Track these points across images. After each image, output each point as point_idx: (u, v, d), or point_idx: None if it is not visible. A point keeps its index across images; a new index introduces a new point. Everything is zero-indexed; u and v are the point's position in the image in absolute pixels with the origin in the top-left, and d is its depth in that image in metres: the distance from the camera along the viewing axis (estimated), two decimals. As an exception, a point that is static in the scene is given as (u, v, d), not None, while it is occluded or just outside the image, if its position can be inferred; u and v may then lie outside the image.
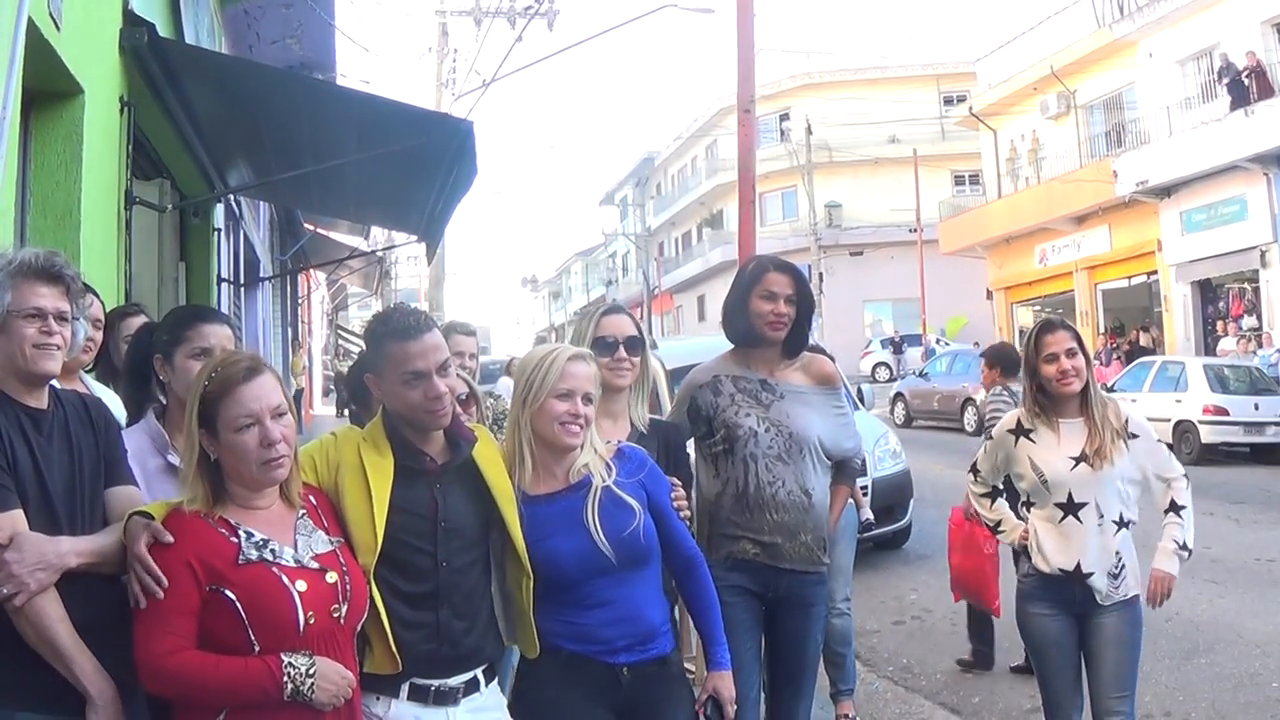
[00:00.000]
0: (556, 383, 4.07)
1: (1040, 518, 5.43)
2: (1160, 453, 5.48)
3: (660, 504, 4.20)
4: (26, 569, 3.05)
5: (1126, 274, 37.03)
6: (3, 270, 3.30)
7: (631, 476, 4.14)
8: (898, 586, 11.73)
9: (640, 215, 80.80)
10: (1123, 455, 5.27)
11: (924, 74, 57.44)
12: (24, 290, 3.30)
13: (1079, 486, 5.28)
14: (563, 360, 4.12)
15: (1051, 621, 5.39)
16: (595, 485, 4.03)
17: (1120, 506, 5.30)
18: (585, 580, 3.97)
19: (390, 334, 3.72)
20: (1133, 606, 5.32)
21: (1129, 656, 5.29)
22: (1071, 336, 5.34)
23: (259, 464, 3.33)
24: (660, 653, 4.10)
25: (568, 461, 4.11)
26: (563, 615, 4.00)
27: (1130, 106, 36.11)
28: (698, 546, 4.32)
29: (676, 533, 4.24)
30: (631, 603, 4.01)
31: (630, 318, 5.04)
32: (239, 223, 16.39)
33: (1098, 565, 5.25)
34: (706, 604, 4.23)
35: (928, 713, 7.88)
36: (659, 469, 4.35)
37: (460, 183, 11.07)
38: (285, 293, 26.98)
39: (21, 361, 3.26)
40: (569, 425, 4.03)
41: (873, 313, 57.16)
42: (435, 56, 29.03)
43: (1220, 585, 10.88)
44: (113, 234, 7.67)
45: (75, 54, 6.40)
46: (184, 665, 3.12)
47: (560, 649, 4.00)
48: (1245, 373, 23.62)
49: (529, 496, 4.05)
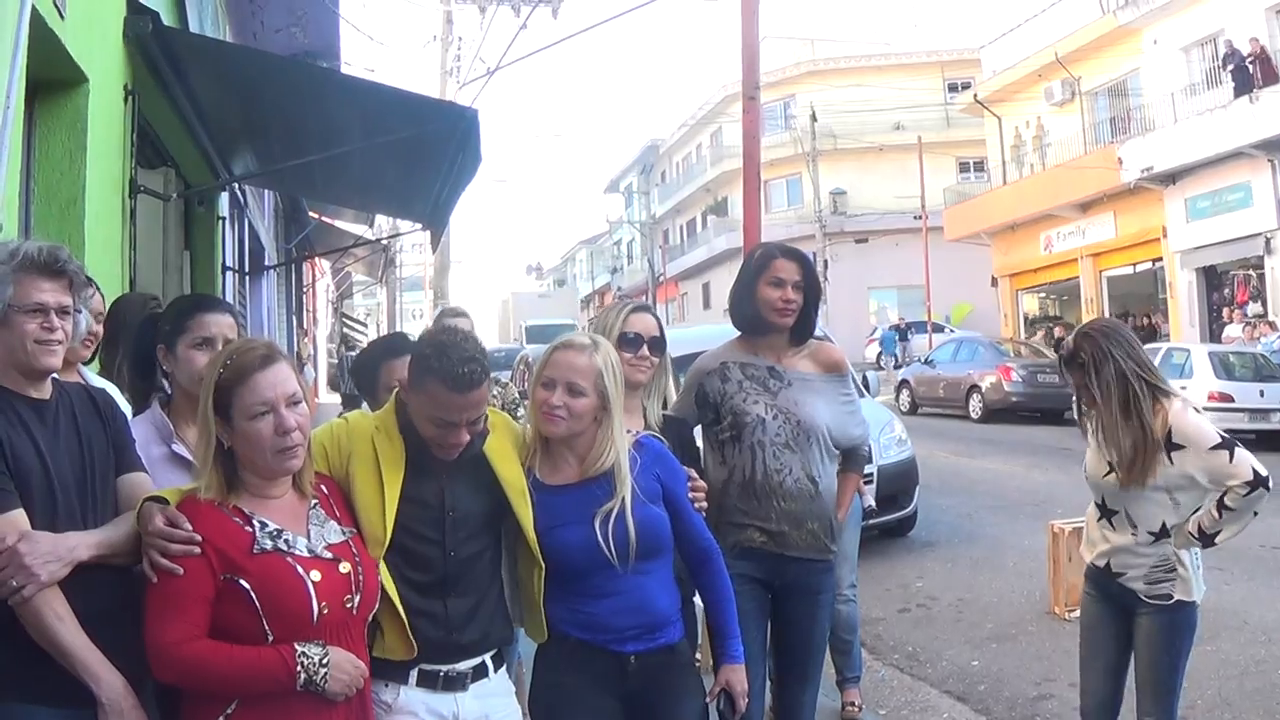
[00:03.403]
0: (541, 371, 4.10)
1: (1091, 507, 5.40)
2: (1215, 460, 4.94)
3: (675, 496, 4.19)
4: (38, 560, 3.04)
5: (1131, 261, 36.99)
6: (5, 264, 3.27)
7: (648, 469, 4.14)
8: (903, 574, 11.73)
9: (645, 203, 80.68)
10: (1163, 469, 4.99)
11: (929, 61, 57.35)
12: (26, 285, 3.27)
13: (1111, 495, 5.18)
14: (551, 350, 4.16)
15: (1093, 604, 5.35)
16: (617, 497, 4.00)
17: (1164, 516, 5.06)
18: (593, 571, 3.97)
19: (442, 378, 3.65)
20: (1174, 612, 5.09)
21: (1165, 660, 5.12)
22: (1080, 378, 5.16)
23: (274, 452, 3.33)
24: (668, 641, 4.10)
25: (581, 450, 4.10)
26: (571, 603, 4.02)
27: (1135, 93, 36.01)
28: (714, 539, 4.32)
29: (693, 525, 4.24)
30: (640, 593, 4.01)
31: (657, 320, 5.04)
32: (244, 211, 16.39)
33: (1128, 567, 5.14)
34: (721, 597, 4.22)
35: (934, 700, 7.87)
36: (676, 461, 4.34)
37: (465, 171, 11.05)
38: (290, 281, 26.97)
39: (23, 356, 3.25)
40: (547, 414, 4.03)
41: (877, 300, 57.07)
42: (440, 44, 29.03)
43: (1226, 572, 10.86)
44: (117, 223, 7.66)
45: (79, 43, 6.38)
46: (196, 654, 3.12)
47: (568, 636, 4.02)
48: (1250, 359, 23.57)
49: (542, 484, 4.06)
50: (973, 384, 28.45)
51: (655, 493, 4.11)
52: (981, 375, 28.29)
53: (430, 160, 10.97)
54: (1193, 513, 5.08)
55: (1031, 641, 9.08)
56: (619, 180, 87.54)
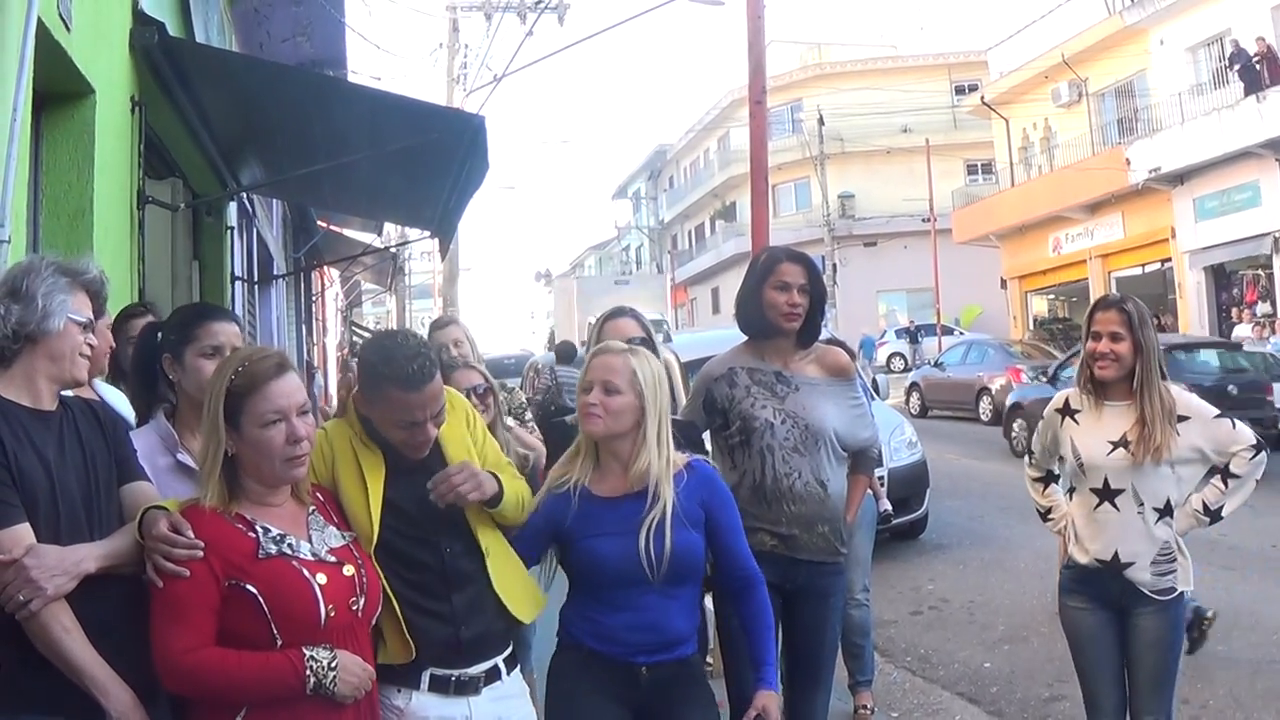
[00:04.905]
0: (582, 377, 4.20)
1: (1078, 504, 5.30)
2: (1219, 428, 5.13)
3: (719, 524, 4.21)
4: (45, 574, 3.04)
5: (1140, 261, 36.90)
6: (71, 275, 3.40)
7: (693, 493, 4.16)
8: (915, 577, 11.73)
9: (653, 208, 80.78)
10: (1173, 441, 5.02)
11: (935, 63, 57.43)
12: (80, 299, 3.42)
13: (1116, 473, 5.10)
14: (590, 355, 4.32)
15: (1089, 616, 5.23)
16: (663, 501, 4.04)
17: (1169, 492, 5.10)
18: (622, 584, 4.01)
19: (395, 382, 3.66)
20: (1175, 606, 5.11)
21: (1168, 658, 5.12)
22: (1122, 319, 5.05)
23: (282, 461, 3.34)
24: (680, 655, 4.12)
25: (625, 457, 4.15)
26: (589, 612, 4.08)
27: (1142, 94, 35.96)
28: (758, 566, 4.32)
29: (737, 554, 4.27)
30: (660, 612, 4.05)
31: (636, 319, 5.05)
32: (252, 220, 16.40)
33: (1138, 555, 5.07)
34: (762, 624, 4.24)
35: (946, 703, 7.88)
36: (726, 488, 4.35)
37: (473, 178, 11.07)
38: (299, 290, 27.00)
39: (68, 366, 3.34)
40: (585, 413, 4.12)
41: (887, 303, 57.03)
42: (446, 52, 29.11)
43: (1236, 572, 10.85)
44: (125, 234, 7.68)
45: (86, 54, 6.40)
46: (204, 662, 3.13)
47: (582, 645, 4.07)
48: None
49: (588, 493, 4.14)
50: (982, 386, 28.33)
51: (696, 518, 4.13)
52: (991, 378, 28.15)
53: (438, 168, 10.99)
54: (1191, 492, 5.19)
55: (1044, 643, 9.04)
56: (627, 186, 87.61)
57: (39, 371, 3.30)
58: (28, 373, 3.29)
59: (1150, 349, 5.06)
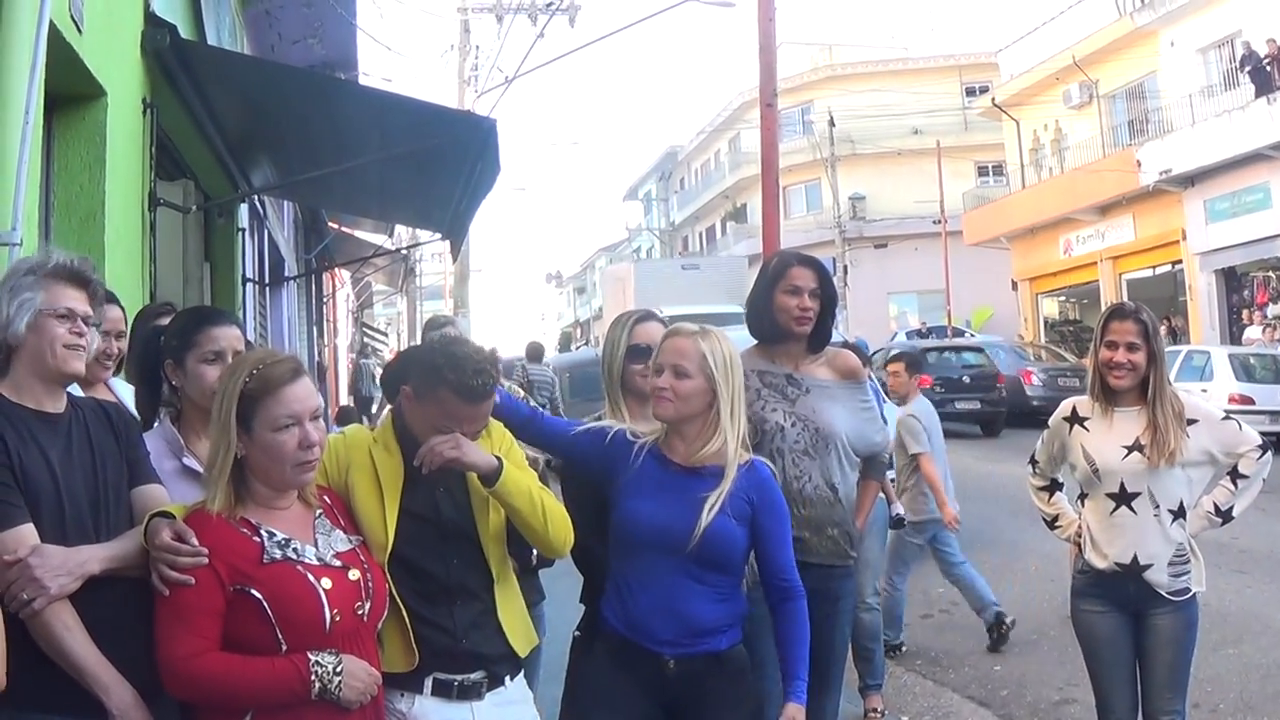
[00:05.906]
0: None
1: (1092, 510, 5.33)
2: (1226, 430, 5.28)
3: (765, 528, 4.22)
4: (48, 573, 3.05)
5: (1151, 264, 36.85)
6: (37, 271, 3.35)
7: (743, 490, 4.18)
8: (924, 580, 11.65)
9: (664, 210, 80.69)
10: (1184, 444, 5.10)
11: (946, 65, 57.24)
12: (55, 291, 3.35)
13: (1131, 477, 5.15)
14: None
15: (1104, 619, 5.28)
16: (727, 479, 4.13)
17: (1182, 494, 5.17)
18: (650, 549, 4.07)
19: (454, 388, 3.70)
20: (1189, 606, 5.19)
21: (1183, 658, 5.18)
22: (1139, 330, 5.13)
23: (294, 465, 3.35)
24: (710, 649, 4.12)
25: (689, 436, 4.24)
26: (619, 584, 4.15)
27: (1153, 96, 35.90)
28: (800, 582, 4.31)
29: (778, 563, 4.27)
30: (682, 597, 4.07)
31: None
32: (263, 222, 16.41)
33: (1156, 557, 5.13)
34: (796, 637, 4.22)
35: (956, 706, 7.88)
36: (780, 495, 4.36)
37: (484, 180, 11.07)
38: (310, 292, 27.01)
39: (51, 360, 3.30)
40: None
41: (897, 305, 56.93)
42: (457, 54, 29.18)
43: (1247, 575, 10.84)
44: (137, 235, 7.70)
45: (97, 56, 6.41)
46: (208, 667, 3.14)
47: (614, 632, 4.12)
48: (1271, 361, 23.52)
49: (657, 454, 4.25)
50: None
51: (742, 513, 4.15)
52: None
53: (449, 170, 10.99)
54: (1201, 495, 5.31)
55: (1054, 646, 9.03)
56: (638, 187, 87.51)
57: (29, 373, 3.31)
58: (22, 377, 3.31)
59: (1162, 357, 5.21)
